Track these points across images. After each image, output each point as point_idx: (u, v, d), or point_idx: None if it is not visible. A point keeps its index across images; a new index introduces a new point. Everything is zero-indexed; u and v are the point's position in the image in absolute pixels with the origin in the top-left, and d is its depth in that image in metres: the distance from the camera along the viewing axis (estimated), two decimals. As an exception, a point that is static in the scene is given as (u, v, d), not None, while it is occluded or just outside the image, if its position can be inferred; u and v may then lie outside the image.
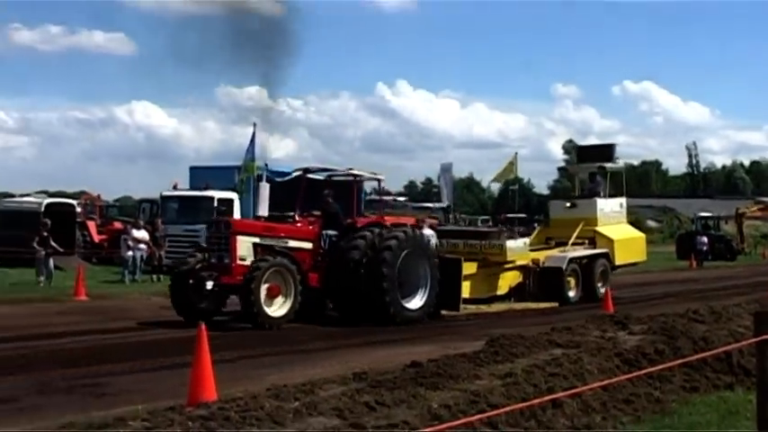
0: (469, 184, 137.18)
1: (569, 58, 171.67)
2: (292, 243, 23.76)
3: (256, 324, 21.60)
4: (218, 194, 36.18)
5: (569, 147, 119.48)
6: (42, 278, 32.44)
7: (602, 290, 30.47)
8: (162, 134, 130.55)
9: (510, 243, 28.79)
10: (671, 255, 62.78)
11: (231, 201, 36.08)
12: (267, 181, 34.40)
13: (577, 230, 31.94)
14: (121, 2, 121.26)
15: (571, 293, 30.27)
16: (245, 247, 22.68)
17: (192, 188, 38.94)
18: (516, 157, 35.34)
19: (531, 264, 30.02)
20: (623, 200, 35.15)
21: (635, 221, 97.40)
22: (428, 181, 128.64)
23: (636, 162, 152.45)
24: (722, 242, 66.63)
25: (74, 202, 47.14)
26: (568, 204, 34.25)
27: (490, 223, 56.64)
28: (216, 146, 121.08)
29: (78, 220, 44.04)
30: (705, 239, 60.99)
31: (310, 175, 27.57)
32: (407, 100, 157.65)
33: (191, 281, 22.71)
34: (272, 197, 34.72)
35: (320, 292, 24.04)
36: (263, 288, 21.72)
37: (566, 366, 14.24)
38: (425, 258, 24.96)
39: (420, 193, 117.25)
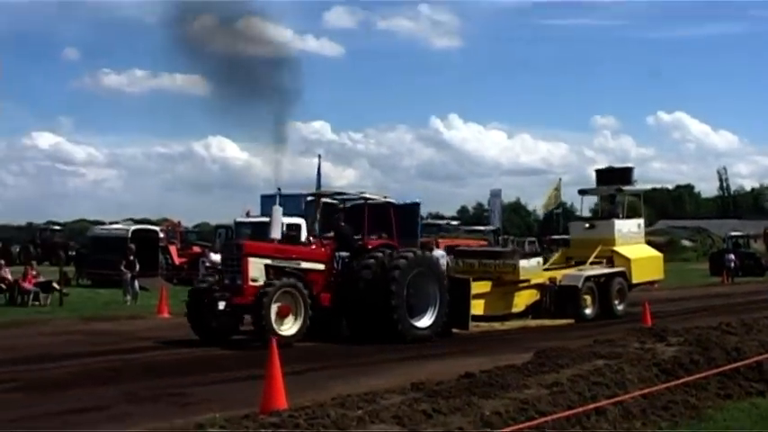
0: (516, 208, 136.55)
1: (607, 92, 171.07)
2: (305, 264, 23.01)
3: (266, 343, 20.62)
4: (287, 220, 36.26)
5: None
6: (129, 297, 32.82)
7: (620, 307, 30.08)
8: (235, 166, 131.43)
9: (523, 263, 27.73)
10: (704, 272, 62.11)
11: (299, 225, 36.13)
12: (329, 207, 34.57)
13: (596, 251, 31.02)
14: (196, 46, 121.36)
15: (588, 311, 29.18)
16: (257, 268, 21.88)
17: (263, 215, 39.06)
18: (560, 183, 34.89)
19: (548, 282, 29.09)
20: (641, 221, 34.25)
21: (671, 241, 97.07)
22: (479, 206, 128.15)
23: (670, 186, 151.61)
24: (752, 259, 65.74)
25: (157, 228, 47.59)
26: (587, 225, 33.33)
27: (536, 244, 56.29)
28: (283, 175, 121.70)
29: (161, 244, 44.44)
30: (735, 257, 60.16)
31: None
32: (458, 132, 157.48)
33: (206, 300, 21.87)
34: (331, 221, 34.89)
35: (332, 311, 23.14)
36: (274, 308, 20.99)
37: (608, 376, 14.20)
38: (435, 278, 23.96)
39: (472, 216, 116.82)
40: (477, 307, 26.01)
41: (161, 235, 45.74)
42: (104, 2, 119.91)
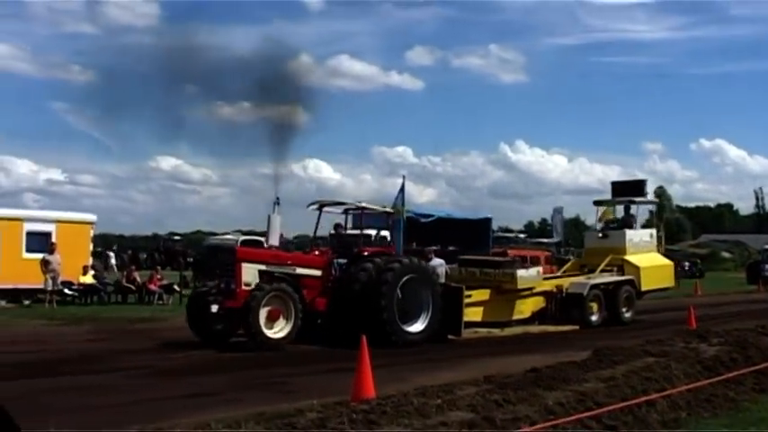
0: (576, 223, 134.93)
1: (655, 120, 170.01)
2: (300, 270, 21.41)
3: (256, 345, 19.39)
4: (374, 233, 36.25)
5: (659, 192, 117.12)
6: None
7: (627, 314, 28.31)
8: (329, 185, 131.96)
9: (521, 272, 25.42)
10: (742, 280, 60.98)
11: (385, 238, 36.09)
12: (412, 222, 34.54)
13: (607, 260, 29.11)
14: (294, 80, 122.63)
15: (594, 317, 27.13)
16: (250, 273, 20.33)
17: (353, 228, 39.12)
18: (614, 208, 33.90)
19: (554, 290, 27.12)
20: (653, 231, 31.92)
21: (712, 253, 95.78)
22: (543, 221, 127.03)
23: (712, 205, 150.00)
24: (785, 269, 64.37)
25: (262, 239, 47.74)
26: (600, 235, 31.05)
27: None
28: (372, 194, 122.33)
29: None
30: (770, 267, 58.80)
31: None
32: (524, 156, 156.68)
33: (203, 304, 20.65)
34: (416, 234, 34.78)
35: (327, 315, 21.60)
36: (263, 311, 19.56)
37: (657, 372, 14.17)
38: (428, 285, 22.15)
39: (536, 230, 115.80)
40: (476, 314, 24.35)
41: (265, 245, 45.90)
42: (216, 46, 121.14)
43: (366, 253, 22.36)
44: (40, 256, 30.43)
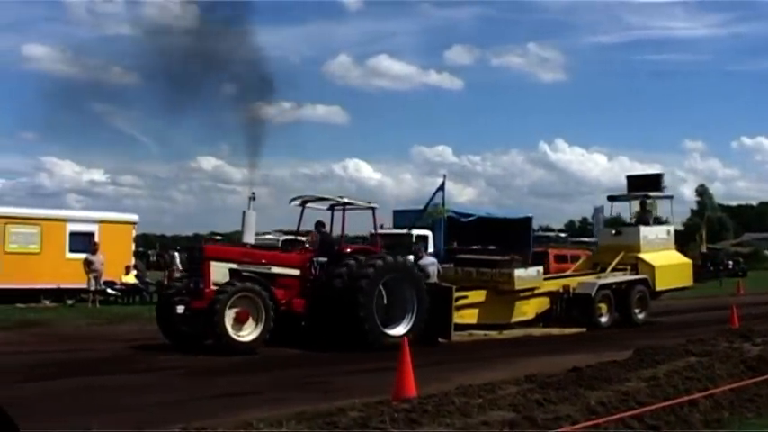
0: (616, 222, 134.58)
1: (695, 118, 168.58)
2: (276, 269, 20.26)
3: (223, 349, 18.28)
4: (415, 232, 36.27)
5: (701, 190, 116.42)
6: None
7: (640, 315, 27.02)
8: (369, 185, 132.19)
9: (519, 272, 24.01)
10: (787, 278, 60.46)
11: (426, 237, 36.07)
12: (452, 221, 34.52)
13: (618, 257, 27.63)
14: (333, 81, 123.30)
15: (603, 319, 25.89)
16: (220, 272, 19.24)
17: (395, 227, 39.16)
18: (655, 202, 32.97)
19: (561, 290, 25.86)
20: (671, 227, 30.38)
21: (755, 252, 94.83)
22: (584, 220, 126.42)
23: (754, 203, 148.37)
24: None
25: (303, 239, 47.82)
26: (614, 232, 29.88)
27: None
28: (412, 193, 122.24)
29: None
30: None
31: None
32: (564, 155, 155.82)
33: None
34: (457, 233, 34.77)
35: (306, 317, 20.40)
36: (230, 313, 18.46)
37: (700, 371, 14.08)
38: (412, 285, 20.80)
39: (577, 229, 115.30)
40: (470, 316, 23.32)
41: (307, 245, 46.01)
42: (256, 46, 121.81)
43: (347, 251, 21.16)
44: (83, 256, 30.71)
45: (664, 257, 28.68)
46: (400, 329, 20.29)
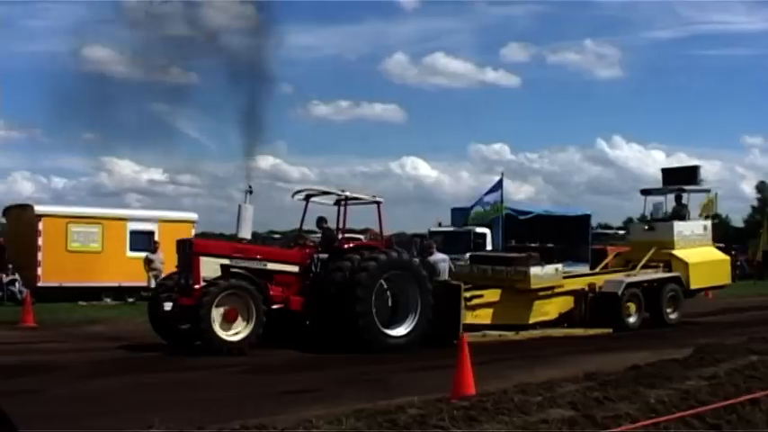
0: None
1: (755, 113, 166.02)
2: (272, 266, 19.39)
3: (211, 348, 17.60)
4: (474, 229, 36.16)
5: (761, 187, 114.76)
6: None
7: (672, 315, 25.48)
8: (426, 182, 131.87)
9: (535, 270, 22.63)
10: None
11: (485, 234, 35.92)
12: (510, 219, 34.34)
13: (649, 254, 26.21)
14: (391, 80, 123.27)
15: (631, 319, 24.33)
16: (210, 268, 18.42)
17: (453, 225, 39.07)
18: (716, 197, 31.80)
19: (586, 288, 24.45)
20: (707, 222, 28.19)
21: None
22: (642, 217, 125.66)
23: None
24: None
25: (361, 236, 47.98)
26: (646, 227, 28.26)
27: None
28: (469, 191, 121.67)
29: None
30: None
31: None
32: (622, 151, 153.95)
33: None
34: (514, 231, 34.59)
35: (304, 316, 19.58)
36: (218, 311, 17.77)
37: (761, 370, 13.98)
38: (415, 283, 19.79)
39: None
40: (484, 316, 22.04)
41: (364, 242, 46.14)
42: (312, 46, 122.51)
43: (347, 247, 20.16)
44: (143, 254, 31.00)
45: (699, 254, 27.14)
46: (401, 330, 19.61)
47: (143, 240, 32.16)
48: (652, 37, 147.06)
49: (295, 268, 19.78)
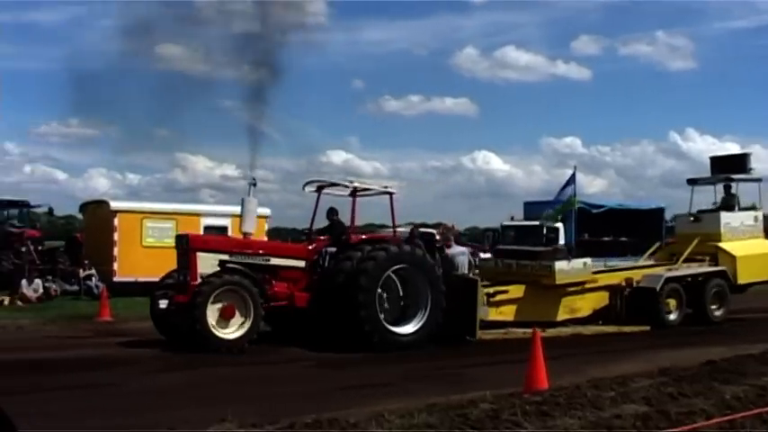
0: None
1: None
2: (276, 261, 18.72)
3: (206, 347, 16.90)
4: (546, 223, 35.95)
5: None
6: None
7: (717, 312, 23.98)
8: (498, 177, 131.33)
9: (560, 264, 21.75)
10: None
11: (557, 229, 35.69)
12: (583, 213, 34.10)
13: (691, 246, 24.81)
14: (462, 74, 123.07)
15: (671, 316, 23.02)
16: (208, 264, 17.82)
17: (525, 219, 38.90)
18: None
19: (623, 283, 23.26)
20: (759, 213, 26.56)
21: None
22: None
23: None
24: None
25: (434, 231, 48.03)
26: (692, 218, 26.56)
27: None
28: (541, 185, 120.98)
29: (437, 245, 44.82)
30: None
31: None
32: (695, 144, 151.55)
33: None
34: (588, 224, 34.35)
35: (309, 313, 18.70)
36: (215, 308, 17.15)
37: (839, 366, 13.58)
38: (425, 277, 18.91)
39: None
40: (507, 312, 21.18)
41: (437, 237, 46.20)
42: (382, 41, 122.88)
43: (358, 240, 19.37)
44: (217, 249, 31.23)
45: (748, 247, 25.53)
46: (409, 328, 18.77)
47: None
48: (726, 27, 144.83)
49: (301, 263, 19.12)
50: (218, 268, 17.86)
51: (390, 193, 20.44)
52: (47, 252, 34.09)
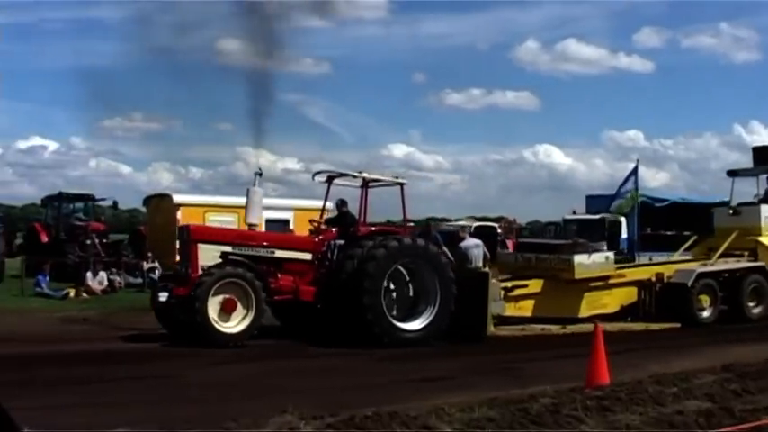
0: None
1: None
2: (282, 253, 18.25)
3: (207, 341, 16.56)
4: (608, 217, 35.68)
5: None
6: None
7: (756, 310, 22.84)
8: (560, 170, 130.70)
9: (580, 258, 20.66)
10: None
11: (620, 223, 35.42)
12: (646, 207, 33.78)
13: (728, 241, 23.78)
14: (523, 68, 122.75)
15: (704, 314, 22.07)
16: (210, 255, 17.42)
17: (587, 213, 38.65)
18: None
19: (653, 279, 22.32)
20: None
21: None
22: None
23: None
24: None
25: (495, 225, 48.01)
26: (731, 211, 25.32)
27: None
28: (603, 178, 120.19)
29: (499, 239, 44.77)
30: None
31: None
32: (760, 137, 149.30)
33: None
34: (651, 218, 34.02)
35: (316, 307, 18.31)
36: (216, 301, 16.77)
37: None
38: (435, 273, 18.25)
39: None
40: (524, 308, 20.53)
41: (499, 231, 46.13)
42: (443, 34, 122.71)
43: (365, 233, 18.78)
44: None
45: None
46: (416, 324, 18.18)
47: (278, 229, 32.63)
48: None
49: (308, 256, 18.65)
50: (221, 260, 17.55)
51: (401, 185, 19.81)
52: (111, 245, 34.53)
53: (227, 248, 17.71)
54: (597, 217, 35.77)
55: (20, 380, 13.00)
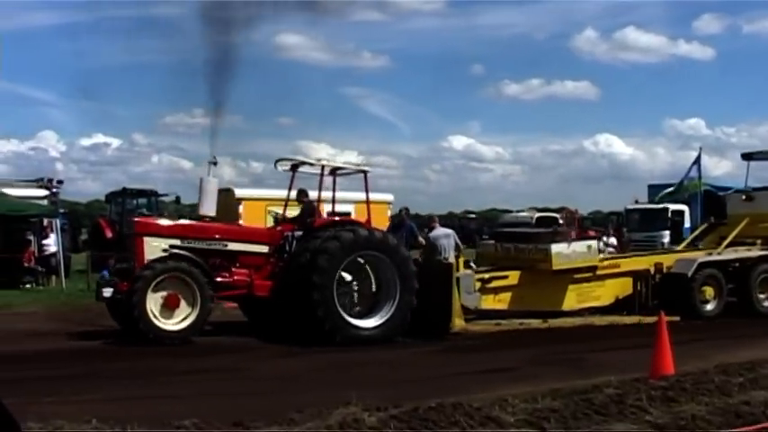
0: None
1: None
2: (234, 246, 17.44)
3: (148, 339, 15.71)
4: (671, 206, 35.42)
5: None
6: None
7: (766, 303, 21.61)
8: (621, 159, 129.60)
9: (558, 248, 19.28)
10: None
11: (683, 212, 35.13)
12: (709, 195, 33.44)
13: (737, 228, 22.58)
14: (582, 57, 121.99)
15: (708, 306, 20.87)
16: (157, 250, 16.52)
17: (650, 202, 38.41)
18: None
19: (651, 269, 21.14)
20: None
21: None
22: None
23: None
24: None
25: (557, 215, 47.89)
26: (744, 197, 23.94)
27: None
28: (665, 167, 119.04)
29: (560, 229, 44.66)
30: None
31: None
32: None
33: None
34: (714, 208, 33.67)
35: (270, 303, 17.35)
36: (156, 297, 15.93)
37: None
38: (396, 270, 17.16)
39: None
40: (500, 301, 19.34)
41: (560, 221, 45.98)
42: (501, 24, 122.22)
43: (321, 223, 18.06)
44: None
45: None
46: (372, 322, 17.13)
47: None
48: None
49: (264, 248, 17.80)
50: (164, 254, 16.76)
51: (365, 172, 19.28)
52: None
53: (176, 242, 16.94)
54: (660, 206, 35.50)
55: (87, 372, 13.28)
